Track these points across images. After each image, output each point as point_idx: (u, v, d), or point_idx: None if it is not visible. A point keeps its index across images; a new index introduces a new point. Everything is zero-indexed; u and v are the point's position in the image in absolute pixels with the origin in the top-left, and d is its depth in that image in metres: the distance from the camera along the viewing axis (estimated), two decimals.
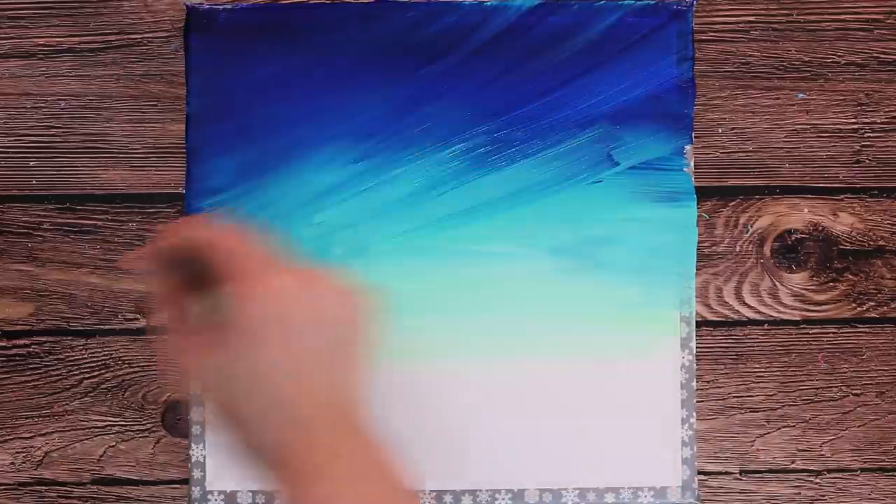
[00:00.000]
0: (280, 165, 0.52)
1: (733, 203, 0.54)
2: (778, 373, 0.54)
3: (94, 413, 0.53)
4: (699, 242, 0.53)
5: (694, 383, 0.53)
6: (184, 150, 0.53)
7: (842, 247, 0.54)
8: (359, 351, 0.37)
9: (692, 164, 0.53)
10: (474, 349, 0.52)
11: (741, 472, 0.54)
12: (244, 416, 0.35)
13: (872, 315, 0.54)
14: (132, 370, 0.53)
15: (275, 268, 0.36)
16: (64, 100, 0.53)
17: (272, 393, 0.34)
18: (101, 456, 0.53)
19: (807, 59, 0.53)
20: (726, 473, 0.54)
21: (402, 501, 0.36)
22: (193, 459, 0.52)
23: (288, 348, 0.34)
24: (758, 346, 0.54)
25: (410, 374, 0.52)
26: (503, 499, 0.52)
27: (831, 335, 0.54)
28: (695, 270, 0.53)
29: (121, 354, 0.53)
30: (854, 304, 0.54)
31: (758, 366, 0.54)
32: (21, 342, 0.53)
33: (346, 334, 0.36)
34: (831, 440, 0.54)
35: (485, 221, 0.52)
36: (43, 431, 0.53)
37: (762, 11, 0.53)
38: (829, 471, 0.54)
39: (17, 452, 0.53)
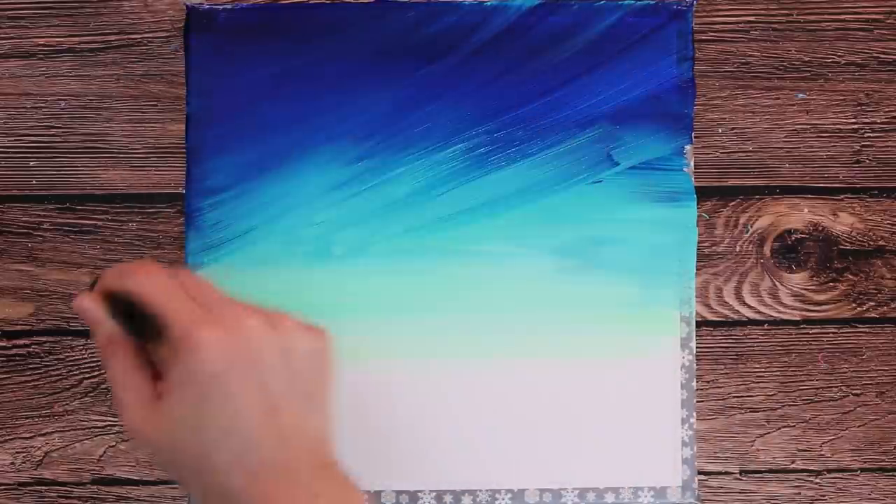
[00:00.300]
0: (280, 165, 0.52)
1: (733, 203, 0.54)
2: (778, 373, 0.54)
3: (94, 413, 0.53)
4: (699, 242, 0.53)
5: (694, 383, 0.53)
6: (184, 150, 0.53)
7: (842, 247, 0.54)
8: (326, 388, 0.36)
9: (692, 164, 0.53)
10: (474, 349, 0.52)
11: (741, 472, 0.54)
12: (215, 464, 0.33)
13: (872, 315, 0.54)
14: None
15: (233, 310, 0.34)
16: (64, 100, 0.53)
17: (244, 436, 0.33)
18: (101, 456, 0.53)
19: (807, 59, 0.53)
20: (726, 473, 0.54)
21: None
22: None
23: (256, 389, 0.33)
24: (758, 346, 0.54)
25: (411, 374, 0.52)
26: (503, 499, 0.52)
27: (831, 335, 0.54)
28: (695, 270, 0.53)
29: None
30: (854, 304, 0.54)
31: (758, 366, 0.54)
32: (21, 342, 0.53)
33: (313, 372, 0.35)
34: (831, 440, 0.54)
35: (485, 221, 0.52)
36: (43, 431, 0.53)
37: (762, 11, 0.53)
38: (829, 471, 0.54)
39: (17, 452, 0.53)
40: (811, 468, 0.54)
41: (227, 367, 0.33)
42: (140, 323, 0.36)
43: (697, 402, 0.53)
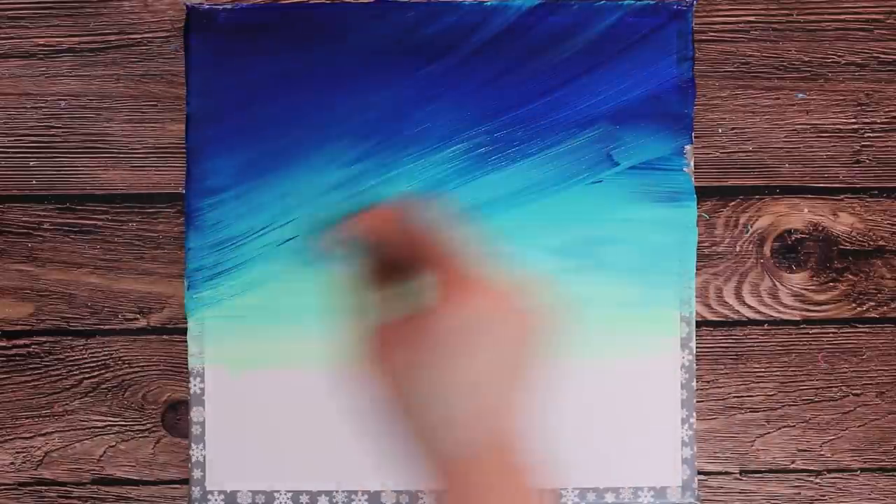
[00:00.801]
0: (280, 165, 0.52)
1: (733, 203, 0.54)
2: (778, 373, 0.54)
3: (94, 413, 0.53)
4: (699, 242, 0.53)
5: (694, 383, 0.53)
6: (184, 150, 0.53)
7: (842, 247, 0.54)
8: (529, 375, 0.36)
9: (692, 164, 0.53)
10: None
11: (741, 472, 0.54)
12: (416, 421, 0.34)
13: (872, 315, 0.54)
14: (132, 370, 0.53)
15: (477, 277, 0.35)
16: (64, 100, 0.53)
17: (446, 410, 0.34)
18: (101, 456, 0.53)
19: (807, 59, 0.53)
20: (726, 473, 0.54)
21: None
22: (193, 459, 0.52)
23: (470, 366, 0.34)
24: (758, 346, 0.54)
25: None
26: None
27: (831, 335, 0.54)
28: (695, 270, 0.53)
29: (121, 354, 0.53)
30: (854, 304, 0.54)
31: (758, 366, 0.54)
32: (21, 342, 0.53)
33: (520, 357, 0.36)
34: (831, 440, 0.54)
35: (485, 221, 0.52)
36: (43, 431, 0.53)
37: (762, 11, 0.53)
38: (829, 471, 0.54)
39: (17, 452, 0.53)
40: (811, 468, 0.54)
41: (452, 335, 0.34)
42: (388, 264, 0.37)
43: (697, 402, 0.53)
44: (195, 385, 0.52)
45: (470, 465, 0.34)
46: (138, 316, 0.53)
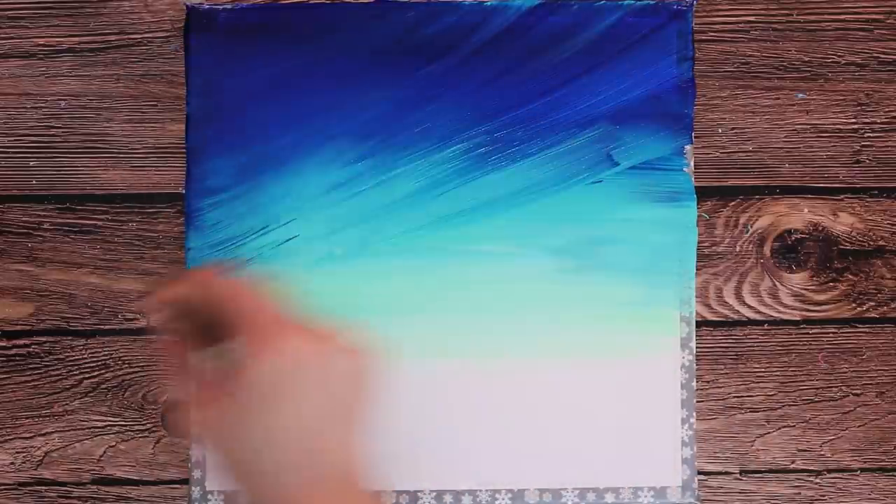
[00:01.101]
0: (280, 165, 0.52)
1: (733, 203, 0.54)
2: (778, 373, 0.54)
3: (94, 413, 0.53)
4: (699, 242, 0.53)
5: (694, 383, 0.53)
6: (184, 150, 0.53)
7: (842, 247, 0.54)
8: (364, 412, 0.37)
9: (692, 164, 0.53)
10: (474, 349, 0.52)
11: (741, 472, 0.54)
12: (252, 473, 0.34)
13: (872, 315, 0.54)
14: (132, 370, 0.53)
15: (288, 326, 0.36)
16: (64, 100, 0.53)
17: (282, 455, 0.34)
18: (101, 456, 0.53)
19: (807, 59, 0.53)
20: (726, 473, 0.54)
21: None
22: (193, 459, 0.52)
23: (299, 409, 0.35)
24: (758, 346, 0.54)
25: (410, 374, 0.52)
26: (503, 499, 0.52)
27: (831, 335, 0.54)
28: (695, 270, 0.53)
29: (121, 354, 0.53)
30: (854, 304, 0.54)
31: (758, 366, 0.54)
32: (21, 342, 0.53)
33: (352, 395, 0.36)
34: (831, 440, 0.54)
35: (485, 221, 0.52)
36: (43, 431, 0.53)
37: (762, 11, 0.53)
38: (829, 471, 0.54)
39: (17, 452, 0.53)
40: (811, 468, 0.54)
41: (272, 384, 0.34)
42: (203, 327, 0.37)
43: (697, 402, 0.53)
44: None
45: (316, 497, 0.34)
46: (138, 316, 0.53)
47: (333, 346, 0.36)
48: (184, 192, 0.53)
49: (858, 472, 0.54)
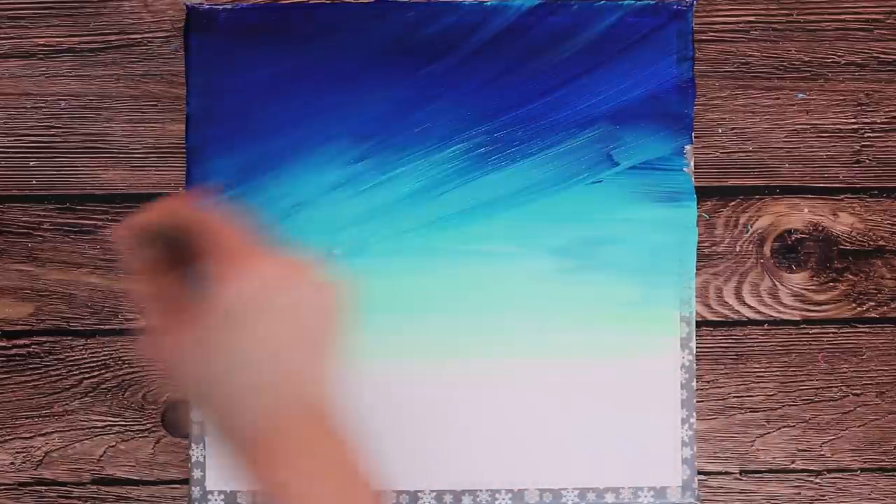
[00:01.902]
0: (280, 165, 0.52)
1: (733, 203, 0.54)
2: (778, 373, 0.54)
3: (94, 413, 0.53)
4: (699, 242, 0.53)
5: (694, 383, 0.53)
6: (184, 150, 0.53)
7: (842, 247, 0.54)
8: (333, 346, 0.37)
9: (692, 164, 0.53)
10: (474, 349, 0.52)
11: (741, 472, 0.54)
12: (221, 397, 0.35)
13: (872, 315, 0.54)
14: (132, 370, 0.53)
15: (257, 252, 0.36)
16: (64, 100, 0.53)
17: (250, 377, 0.34)
18: (101, 456, 0.53)
19: (807, 59, 0.53)
20: (726, 473, 0.54)
21: (365, 502, 0.36)
22: (193, 459, 0.52)
23: (267, 334, 0.34)
24: (758, 346, 0.54)
25: (410, 374, 0.52)
26: (503, 499, 0.52)
27: (831, 335, 0.54)
28: (695, 270, 0.53)
29: (121, 354, 0.53)
30: (854, 304, 0.54)
31: (758, 366, 0.54)
32: (21, 342, 0.53)
33: (323, 327, 0.36)
34: (831, 440, 0.54)
35: (485, 221, 0.52)
36: (43, 431, 0.53)
37: (762, 11, 0.53)
38: (829, 471, 0.54)
39: (17, 452, 0.53)
40: (811, 468, 0.54)
41: (243, 306, 0.34)
42: (173, 252, 0.37)
43: (697, 402, 0.53)
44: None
45: (281, 431, 0.34)
46: (138, 316, 0.53)
47: (304, 276, 0.36)
48: (184, 192, 0.53)
49: (858, 472, 0.54)
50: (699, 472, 0.53)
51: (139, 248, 0.37)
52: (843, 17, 0.53)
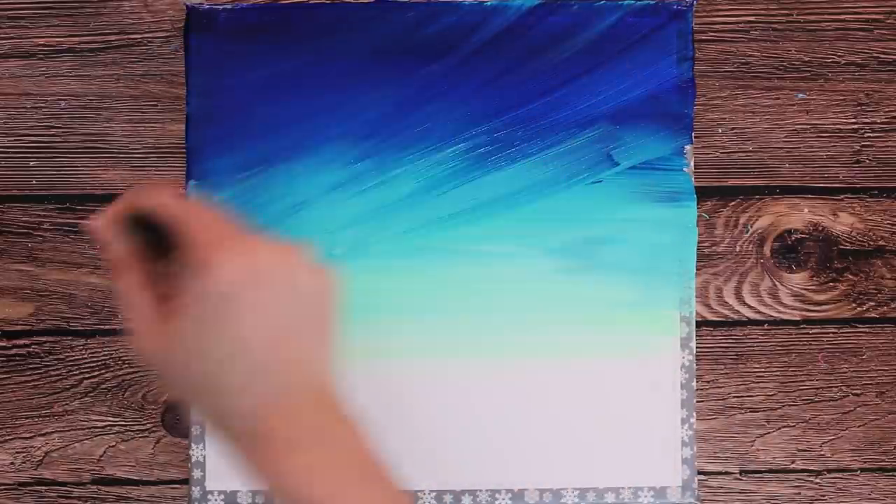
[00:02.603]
0: (280, 165, 0.52)
1: (733, 203, 0.54)
2: (778, 373, 0.54)
3: (94, 413, 0.53)
4: (699, 242, 0.53)
5: (694, 383, 0.53)
6: (184, 150, 0.53)
7: (842, 247, 0.54)
8: (330, 328, 0.36)
9: (692, 164, 0.53)
10: (474, 349, 0.52)
11: (741, 472, 0.54)
12: (220, 386, 0.34)
13: (872, 315, 0.54)
14: (132, 370, 0.53)
15: (247, 238, 0.35)
16: (64, 100, 0.53)
17: (252, 361, 0.33)
18: (101, 456, 0.53)
19: (807, 59, 0.53)
20: (726, 473, 0.54)
21: (376, 483, 0.35)
22: (193, 459, 0.52)
23: (265, 316, 0.34)
24: (758, 346, 0.54)
25: (410, 374, 0.52)
26: (503, 499, 0.52)
27: (831, 335, 0.54)
28: (695, 270, 0.53)
29: (121, 354, 0.53)
30: (854, 304, 0.54)
31: (758, 366, 0.54)
32: (21, 342, 0.53)
33: (321, 311, 0.36)
34: (831, 440, 0.54)
35: (485, 221, 0.52)
36: (43, 431, 0.53)
37: (762, 11, 0.53)
38: (829, 471, 0.54)
39: (17, 452, 0.53)
40: (811, 468, 0.54)
41: (237, 291, 0.33)
42: (154, 243, 0.36)
43: (697, 402, 0.53)
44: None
45: (286, 418, 0.34)
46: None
47: (298, 260, 0.35)
48: (184, 192, 0.53)
49: (858, 472, 0.54)
50: (699, 472, 0.53)
51: (120, 238, 0.36)
52: (843, 17, 0.53)
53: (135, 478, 0.53)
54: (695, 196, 0.53)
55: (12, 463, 0.53)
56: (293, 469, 0.33)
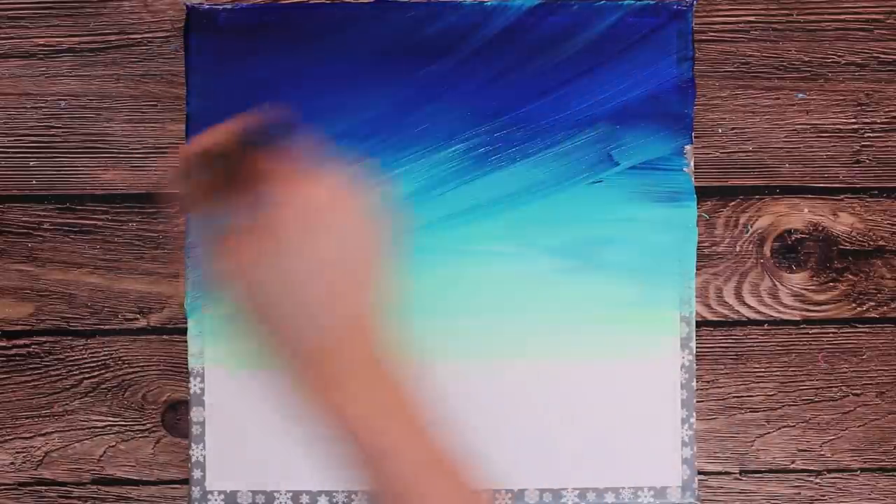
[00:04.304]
0: None
1: (733, 203, 0.54)
2: (778, 373, 0.54)
3: (94, 413, 0.53)
4: (699, 242, 0.53)
5: (694, 383, 0.53)
6: None
7: (842, 247, 0.54)
8: (382, 274, 0.37)
9: (692, 164, 0.53)
10: (474, 349, 0.52)
11: (741, 472, 0.54)
12: (272, 318, 0.35)
13: (872, 315, 0.54)
14: (132, 370, 0.53)
15: (308, 176, 0.37)
16: (64, 100, 0.53)
17: (303, 297, 0.35)
18: (101, 456, 0.53)
19: (807, 59, 0.53)
20: (726, 473, 0.54)
21: (414, 434, 0.37)
22: (193, 459, 0.52)
23: (317, 255, 0.35)
24: (758, 346, 0.54)
25: (408, 374, 0.52)
26: (503, 499, 0.52)
27: (831, 335, 0.54)
28: (695, 270, 0.53)
29: (121, 354, 0.53)
30: (854, 304, 0.54)
31: (758, 366, 0.54)
32: (21, 342, 0.53)
33: (368, 253, 0.37)
34: (831, 440, 0.54)
35: (485, 221, 0.52)
36: (43, 431, 0.53)
37: (762, 11, 0.53)
38: (829, 471, 0.54)
39: (17, 452, 0.53)
40: (811, 468, 0.54)
41: (290, 228, 0.35)
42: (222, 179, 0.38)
43: (697, 402, 0.53)
44: (195, 385, 0.52)
45: (331, 349, 0.35)
46: (138, 316, 0.53)
47: (353, 200, 0.37)
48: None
49: (858, 472, 0.54)
50: (699, 472, 0.53)
51: (196, 173, 0.38)
52: (843, 17, 0.53)
53: (135, 478, 0.53)
54: (695, 196, 0.53)
55: (12, 463, 0.53)
56: (340, 402, 0.35)
